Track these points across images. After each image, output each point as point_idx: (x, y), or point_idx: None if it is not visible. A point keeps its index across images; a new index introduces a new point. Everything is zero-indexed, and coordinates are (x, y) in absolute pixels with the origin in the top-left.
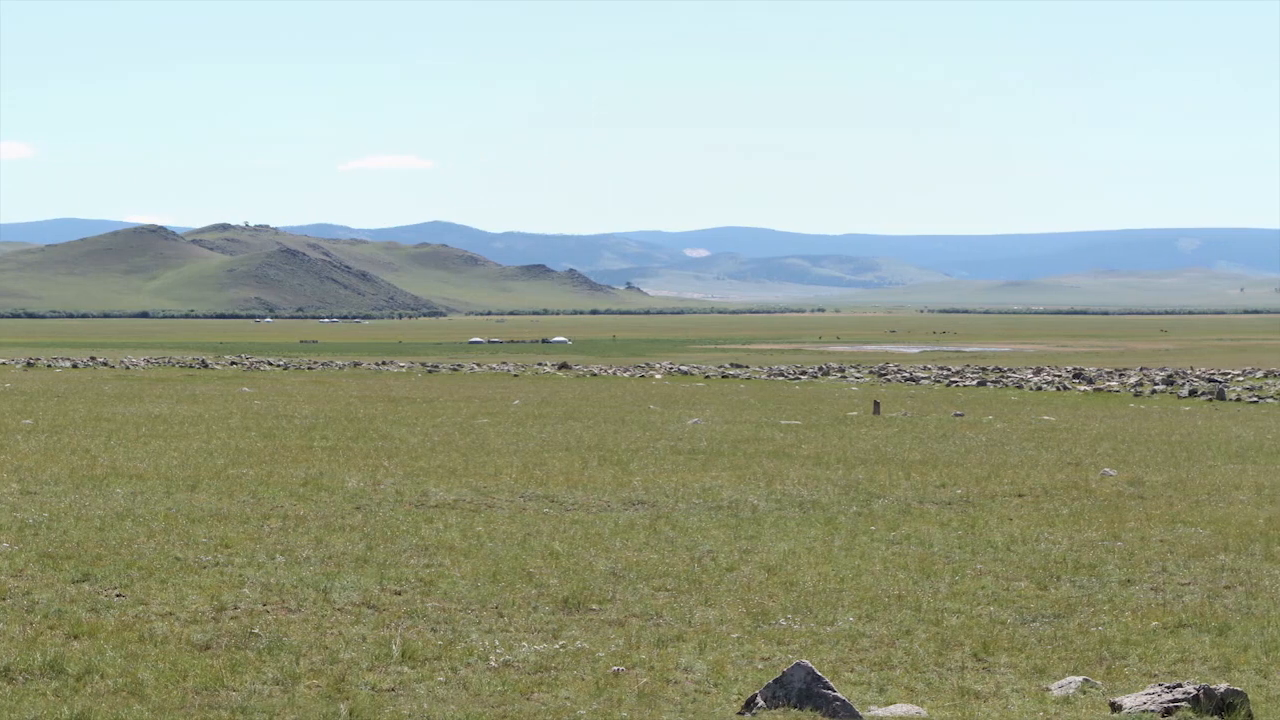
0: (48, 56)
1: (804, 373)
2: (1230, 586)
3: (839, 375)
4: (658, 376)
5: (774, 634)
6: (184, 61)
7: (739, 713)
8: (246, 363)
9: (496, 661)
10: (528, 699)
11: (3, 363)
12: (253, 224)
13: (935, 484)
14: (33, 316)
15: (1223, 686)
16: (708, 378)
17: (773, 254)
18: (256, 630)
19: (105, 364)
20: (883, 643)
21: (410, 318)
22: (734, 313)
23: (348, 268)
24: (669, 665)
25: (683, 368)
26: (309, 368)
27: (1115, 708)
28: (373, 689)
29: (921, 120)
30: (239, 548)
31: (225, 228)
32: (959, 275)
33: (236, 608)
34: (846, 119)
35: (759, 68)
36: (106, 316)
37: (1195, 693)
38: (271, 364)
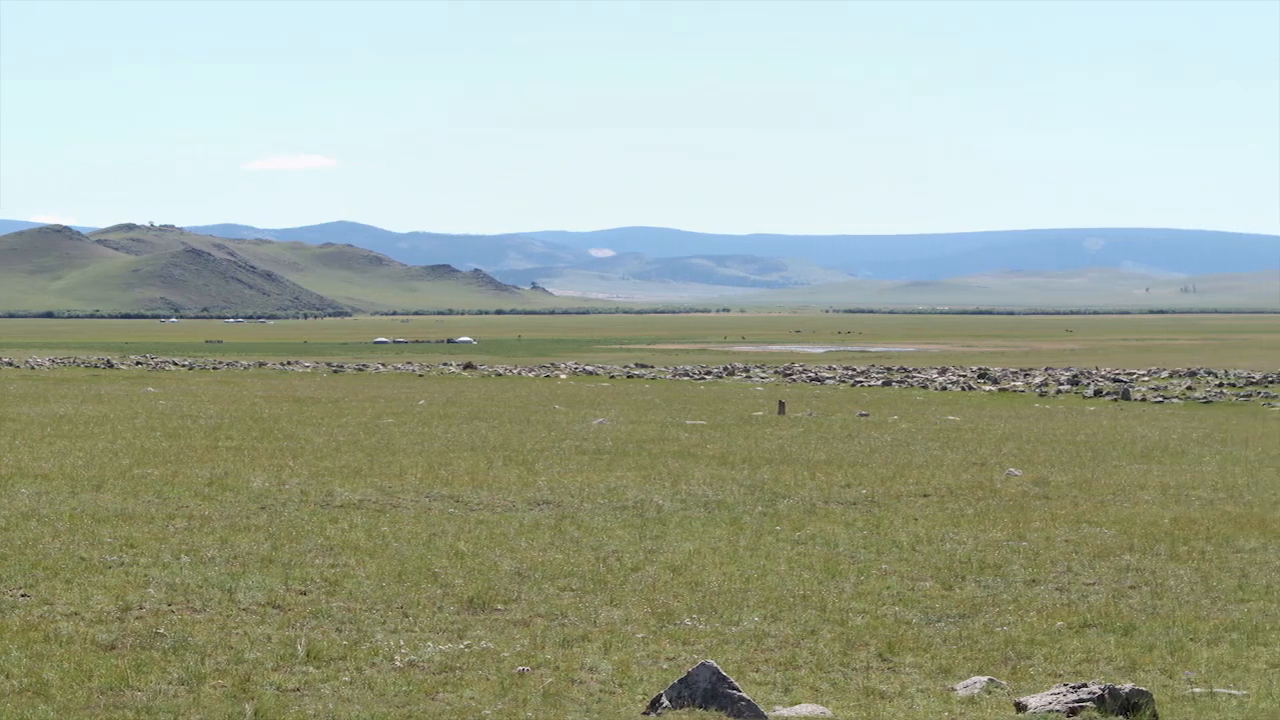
0: None
1: (709, 373)
2: (1135, 586)
3: (744, 375)
4: (563, 376)
5: (679, 634)
6: (89, 62)
7: (644, 713)
8: (152, 363)
9: (401, 661)
10: (432, 699)
11: None
12: (158, 224)
13: (840, 484)
14: None
15: (1128, 686)
16: (613, 378)
17: (678, 254)
18: (162, 630)
19: (10, 364)
20: (788, 643)
21: (315, 318)
22: (639, 313)
23: (253, 268)
24: (574, 665)
25: (588, 368)
26: (214, 368)
27: (1020, 708)
28: (278, 689)
29: (827, 120)
30: (144, 548)
31: (131, 228)
32: (864, 275)
33: (142, 608)
34: (752, 119)
35: (666, 68)
36: (11, 316)
37: (1100, 693)
38: (177, 364)
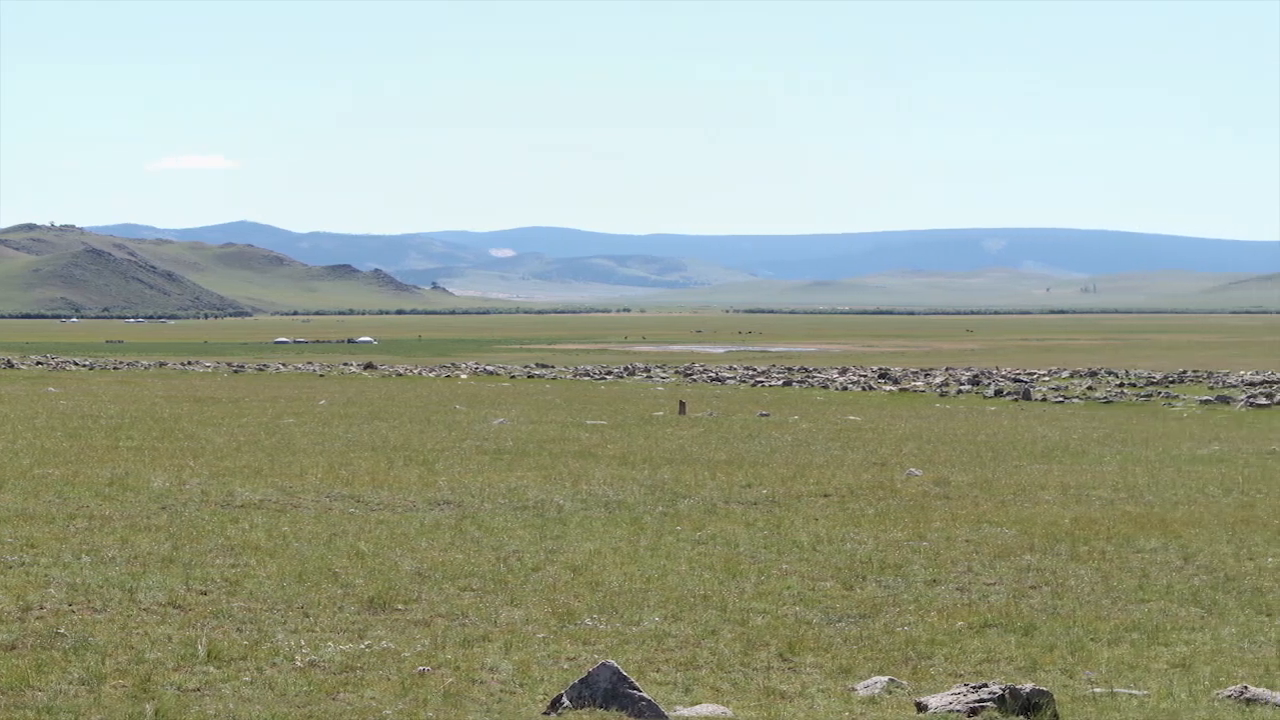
0: None
1: (610, 373)
2: (1036, 586)
3: (645, 375)
4: (463, 376)
5: (580, 634)
6: None
7: (544, 713)
8: (52, 363)
9: (302, 661)
10: (333, 699)
11: None
12: (58, 224)
13: (741, 484)
14: None
15: (1028, 686)
16: (513, 378)
17: (578, 254)
18: (62, 630)
19: None
20: (688, 643)
21: (216, 318)
22: (540, 313)
23: (153, 268)
24: (474, 665)
25: (488, 368)
26: (115, 368)
27: (921, 708)
28: (178, 689)
29: (727, 120)
30: (44, 548)
31: (31, 228)
32: (765, 275)
33: (42, 608)
34: (652, 119)
35: (565, 67)
36: None
37: (1001, 692)
38: (77, 364)
